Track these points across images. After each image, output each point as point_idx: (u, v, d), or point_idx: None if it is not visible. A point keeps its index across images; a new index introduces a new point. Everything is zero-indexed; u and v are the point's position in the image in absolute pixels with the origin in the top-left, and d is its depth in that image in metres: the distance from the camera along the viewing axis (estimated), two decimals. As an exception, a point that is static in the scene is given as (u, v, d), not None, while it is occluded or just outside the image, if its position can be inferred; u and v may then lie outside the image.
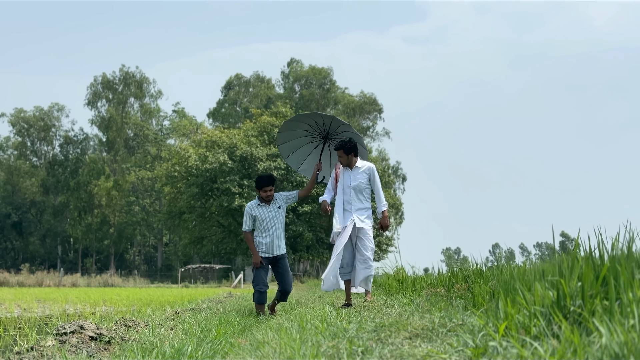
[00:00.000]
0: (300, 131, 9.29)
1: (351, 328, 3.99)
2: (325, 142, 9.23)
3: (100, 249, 78.91)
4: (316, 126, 9.13)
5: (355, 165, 8.16)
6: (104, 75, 76.25)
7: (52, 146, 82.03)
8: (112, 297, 17.73)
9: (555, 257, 5.99)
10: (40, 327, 8.23)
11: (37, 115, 79.68)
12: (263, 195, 8.44)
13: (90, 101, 76.07)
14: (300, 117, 9.18)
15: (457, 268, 8.07)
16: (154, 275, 69.36)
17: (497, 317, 3.18)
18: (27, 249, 79.57)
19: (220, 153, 52.29)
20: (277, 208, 8.57)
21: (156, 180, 69.86)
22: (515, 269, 5.71)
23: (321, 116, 8.93)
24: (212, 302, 11.68)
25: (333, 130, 9.12)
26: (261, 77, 79.49)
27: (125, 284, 44.39)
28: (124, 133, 77.03)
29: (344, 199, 8.07)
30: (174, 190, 55.85)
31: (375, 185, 8.15)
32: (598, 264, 3.21)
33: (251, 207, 8.52)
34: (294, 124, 9.29)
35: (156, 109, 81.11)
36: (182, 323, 6.44)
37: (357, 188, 8.03)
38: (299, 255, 56.78)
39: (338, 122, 8.95)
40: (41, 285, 38.79)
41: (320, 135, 9.22)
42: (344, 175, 8.20)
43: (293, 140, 9.43)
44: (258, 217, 8.43)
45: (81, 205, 74.46)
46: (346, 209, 8.05)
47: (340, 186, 8.17)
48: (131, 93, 77.11)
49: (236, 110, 78.49)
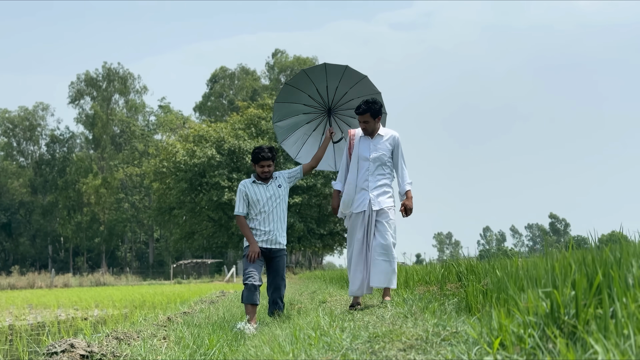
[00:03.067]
0: (299, 105, 7.60)
1: (345, 338, 3.95)
2: (329, 118, 7.69)
3: (91, 247, 78.67)
4: (319, 96, 7.50)
5: (378, 133, 6.59)
6: (87, 73, 75.86)
7: (38, 146, 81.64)
8: (104, 298, 17.66)
9: (547, 251, 5.98)
10: (31, 337, 8.17)
11: (22, 115, 79.28)
12: (259, 171, 6.96)
13: (74, 99, 75.63)
14: (300, 79, 7.40)
15: (449, 262, 8.02)
16: (146, 272, 69.26)
17: (490, 329, 3.15)
18: (18, 249, 79.24)
19: (208, 147, 52.19)
20: (276, 187, 7.03)
21: (145, 176, 69.64)
22: (507, 266, 5.68)
23: (325, 77, 7.25)
24: (204, 303, 11.63)
25: (338, 100, 7.54)
26: (246, 69, 79.22)
27: (117, 282, 44.29)
28: (110, 130, 76.67)
29: (359, 175, 6.54)
30: (162, 186, 55.73)
31: (399, 158, 6.60)
32: (591, 270, 3.18)
33: (245, 185, 7.03)
34: (293, 93, 7.51)
35: (142, 104, 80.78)
36: (174, 331, 6.40)
37: (379, 160, 6.49)
38: (291, 247, 56.80)
39: (351, 79, 7.25)
40: (33, 287, 38.63)
41: (322, 109, 7.66)
42: (360, 144, 6.60)
43: (291, 118, 7.70)
44: (251, 198, 6.92)
45: (70, 204, 74.17)
46: (362, 187, 6.50)
47: (354, 159, 6.59)
48: (115, 89, 76.77)
49: (222, 103, 78.26)
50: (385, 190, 6.52)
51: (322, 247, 59.29)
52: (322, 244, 57.93)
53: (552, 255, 4.72)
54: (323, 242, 57.69)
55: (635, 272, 3.07)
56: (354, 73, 7.19)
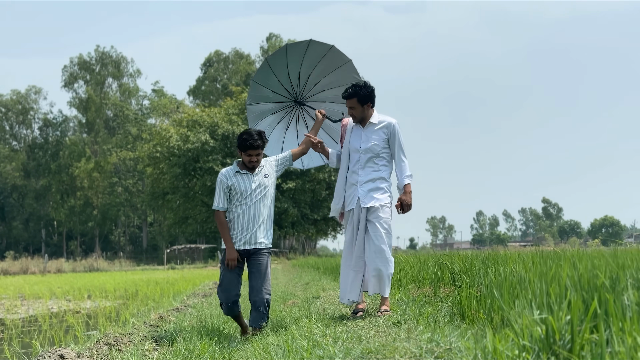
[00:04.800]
0: (268, 91, 6.71)
1: (338, 352, 3.91)
2: (298, 111, 6.89)
3: (84, 232, 78.54)
4: (289, 82, 6.63)
5: (370, 121, 5.94)
6: (80, 56, 75.36)
7: (31, 129, 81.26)
8: (96, 287, 17.60)
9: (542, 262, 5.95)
10: (22, 334, 8.13)
11: (14, 99, 78.81)
12: (246, 160, 5.88)
13: (67, 83, 75.17)
14: (279, 57, 6.48)
15: (444, 261, 7.97)
16: (140, 257, 69.25)
17: (485, 351, 3.11)
18: (11, 233, 79.09)
19: (202, 132, 52.04)
20: (262, 177, 5.97)
21: (138, 161, 69.44)
22: (500, 273, 5.65)
23: (302, 57, 6.40)
24: (197, 296, 11.59)
25: (310, 89, 6.70)
26: (240, 52, 78.78)
27: (111, 268, 44.23)
28: (104, 114, 76.32)
29: (350, 167, 5.95)
30: (156, 171, 55.61)
31: (396, 148, 5.90)
32: (588, 296, 3.14)
33: (226, 175, 5.93)
34: (268, 74, 6.60)
35: (135, 88, 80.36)
36: (166, 332, 6.36)
37: (370, 152, 5.86)
38: (285, 232, 56.83)
39: (332, 62, 6.44)
40: (26, 273, 38.58)
41: (289, 99, 6.79)
42: (351, 134, 6.00)
43: (261, 104, 6.82)
44: (234, 190, 5.88)
45: (63, 188, 73.99)
46: (352, 182, 5.92)
47: (345, 150, 6.03)
48: (109, 73, 76.34)
49: (216, 87, 77.89)
50: (378, 186, 5.87)
51: (315, 233, 59.35)
52: (316, 229, 58.00)
53: (547, 270, 4.69)
54: (317, 228, 57.76)
55: (631, 297, 3.03)
56: (338, 55, 6.42)
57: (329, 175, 52.52)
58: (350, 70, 6.50)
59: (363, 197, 5.83)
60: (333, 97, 6.70)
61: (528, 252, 28.26)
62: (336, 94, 6.57)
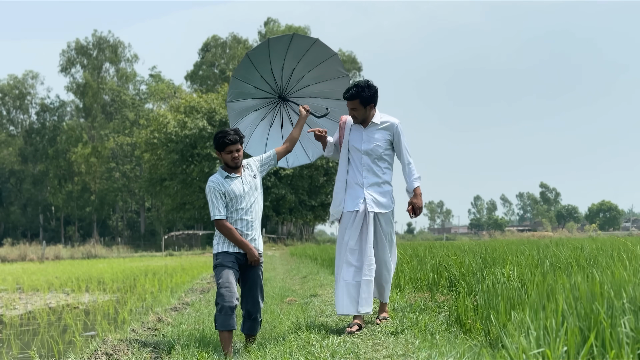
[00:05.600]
0: (250, 87, 6.39)
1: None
2: (282, 107, 6.59)
3: (82, 217, 78.55)
4: (272, 78, 6.35)
5: (372, 120, 5.69)
6: (77, 41, 74.96)
7: (28, 114, 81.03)
8: (94, 278, 17.65)
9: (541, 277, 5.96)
10: (21, 334, 8.15)
11: (11, 84, 78.53)
12: (228, 158, 5.63)
13: (64, 67, 74.87)
14: (261, 51, 6.14)
15: (441, 266, 7.99)
16: (138, 242, 69.31)
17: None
18: (9, 218, 79.10)
19: (199, 119, 51.98)
20: (251, 177, 5.76)
21: (136, 146, 69.34)
22: (498, 280, 5.66)
23: (285, 52, 6.13)
24: (195, 292, 11.63)
25: (294, 84, 6.44)
26: (238, 37, 78.48)
27: (109, 254, 44.29)
28: (101, 99, 76.07)
29: (351, 167, 5.70)
30: (154, 157, 55.56)
31: (402, 150, 5.68)
32: (584, 325, 3.15)
33: (218, 181, 5.64)
34: (250, 69, 6.27)
35: (132, 73, 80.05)
36: (164, 336, 6.38)
37: (373, 153, 5.62)
38: (282, 218, 56.93)
39: (317, 55, 6.21)
40: (24, 260, 38.63)
41: (272, 95, 6.50)
42: (351, 134, 5.74)
43: (242, 101, 6.47)
44: (228, 195, 5.59)
45: (61, 173, 73.89)
46: (354, 183, 5.65)
47: (344, 150, 5.76)
48: (106, 58, 75.99)
49: (214, 72, 77.64)
50: (384, 190, 5.65)
51: (313, 219, 59.49)
52: (314, 215, 58.09)
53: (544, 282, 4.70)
54: (314, 214, 57.85)
55: (628, 326, 3.04)
56: (323, 49, 6.17)
57: (327, 162, 52.52)
58: (336, 64, 6.31)
59: (370, 201, 5.55)
60: (318, 92, 6.52)
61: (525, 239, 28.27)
62: (321, 89, 6.45)
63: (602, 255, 7.79)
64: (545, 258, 8.42)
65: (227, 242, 5.57)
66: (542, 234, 71.20)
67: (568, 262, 6.99)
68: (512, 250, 11.62)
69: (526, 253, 9.87)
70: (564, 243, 18.10)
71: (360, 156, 5.64)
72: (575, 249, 10.08)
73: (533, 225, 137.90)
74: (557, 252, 8.59)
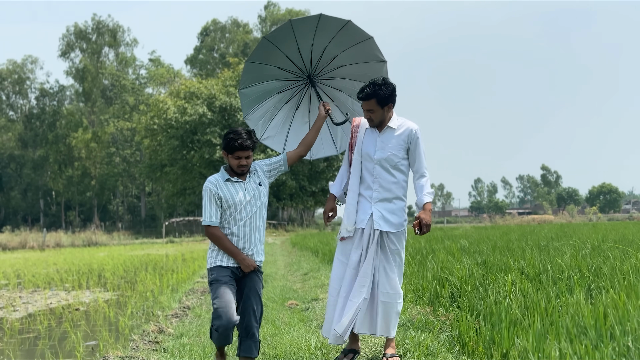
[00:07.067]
0: (273, 68, 5.72)
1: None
2: (310, 89, 5.96)
3: (82, 202, 78.65)
4: (299, 57, 5.66)
5: (388, 124, 5.14)
6: (76, 25, 74.69)
7: (27, 99, 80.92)
8: (95, 270, 17.66)
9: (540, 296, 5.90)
10: (21, 340, 8.12)
11: (10, 69, 78.36)
12: (234, 163, 5.01)
13: (64, 52, 74.66)
14: (282, 33, 5.45)
15: (442, 276, 7.95)
16: (139, 227, 69.42)
17: None
18: (9, 203, 79.20)
19: (199, 104, 51.82)
20: (256, 185, 5.10)
21: (135, 131, 69.22)
22: (502, 309, 5.62)
23: (314, 32, 5.41)
24: (195, 293, 11.62)
25: (325, 65, 5.74)
26: (238, 21, 78.13)
27: (109, 242, 44.35)
28: (100, 83, 75.91)
29: (362, 178, 5.16)
30: (154, 143, 55.46)
31: (418, 159, 5.13)
32: None
33: (216, 184, 5.02)
34: (270, 51, 5.57)
35: (132, 58, 79.82)
36: (166, 350, 6.35)
37: (387, 162, 5.07)
38: (283, 204, 56.96)
39: (349, 38, 5.45)
40: (25, 247, 38.70)
41: (299, 76, 5.86)
42: (365, 139, 5.19)
43: (261, 84, 5.83)
44: (226, 201, 4.96)
45: (61, 158, 73.87)
46: (363, 195, 5.14)
47: (357, 157, 5.19)
48: (105, 42, 75.77)
49: (213, 56, 77.37)
50: (395, 206, 5.12)
51: (314, 204, 59.53)
52: (314, 200, 58.13)
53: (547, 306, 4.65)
54: (315, 199, 57.88)
55: None
56: (356, 31, 5.39)
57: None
58: (373, 48, 5.51)
59: (377, 219, 5.03)
60: (353, 75, 5.78)
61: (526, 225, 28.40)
62: (357, 71, 5.71)
63: (605, 265, 7.74)
64: (547, 264, 8.39)
65: (221, 253, 4.95)
66: (543, 217, 71.34)
67: (570, 275, 6.95)
68: (513, 250, 11.59)
69: (527, 255, 9.84)
70: (565, 234, 18.09)
71: (373, 166, 5.08)
72: (578, 250, 10.06)
73: (534, 208, 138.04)
74: (559, 260, 8.53)
